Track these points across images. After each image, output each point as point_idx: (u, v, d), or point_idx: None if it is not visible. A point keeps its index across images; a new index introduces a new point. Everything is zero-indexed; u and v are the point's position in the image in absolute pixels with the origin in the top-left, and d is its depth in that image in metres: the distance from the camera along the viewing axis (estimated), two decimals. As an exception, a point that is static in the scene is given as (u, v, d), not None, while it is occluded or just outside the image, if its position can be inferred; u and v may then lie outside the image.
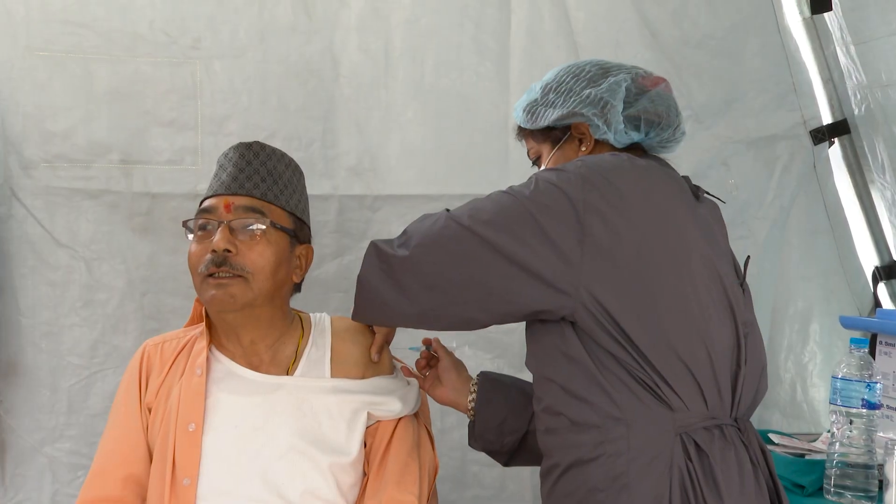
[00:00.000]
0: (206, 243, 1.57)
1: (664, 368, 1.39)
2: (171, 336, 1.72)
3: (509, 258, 1.42)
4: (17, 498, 2.14)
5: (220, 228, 1.56)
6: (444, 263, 1.46)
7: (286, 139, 2.20)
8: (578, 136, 1.59)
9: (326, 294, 2.23)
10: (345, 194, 2.25)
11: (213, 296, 1.55)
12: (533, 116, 1.63)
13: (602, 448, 1.40)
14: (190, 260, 1.59)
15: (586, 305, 1.40)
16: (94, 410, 2.14)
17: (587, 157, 1.49)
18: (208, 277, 1.55)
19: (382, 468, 1.61)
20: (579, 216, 1.40)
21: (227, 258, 1.54)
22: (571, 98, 1.58)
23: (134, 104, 2.15)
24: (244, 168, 1.64)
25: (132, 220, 2.17)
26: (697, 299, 1.42)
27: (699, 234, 1.47)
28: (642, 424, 1.40)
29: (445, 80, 2.28)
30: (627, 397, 1.40)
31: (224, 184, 1.63)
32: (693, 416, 1.41)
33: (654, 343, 1.39)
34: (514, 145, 2.18)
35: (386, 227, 2.26)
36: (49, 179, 2.12)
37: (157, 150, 2.17)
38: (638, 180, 1.45)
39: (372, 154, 2.27)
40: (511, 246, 1.42)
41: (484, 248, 1.43)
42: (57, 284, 2.14)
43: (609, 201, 1.40)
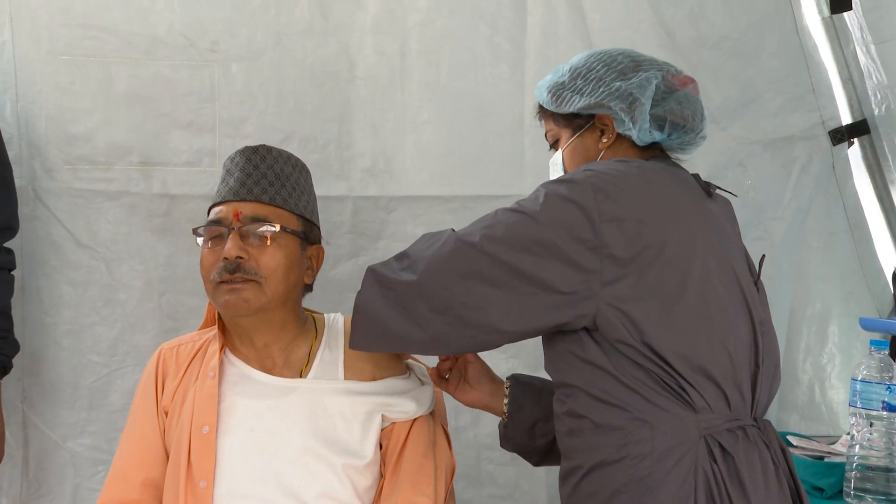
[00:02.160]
0: (217, 251, 1.60)
1: (686, 371, 1.40)
2: (186, 339, 1.75)
3: (526, 276, 1.42)
4: (41, 491, 2.19)
5: (231, 236, 1.59)
6: (456, 285, 1.45)
7: (302, 141, 2.23)
8: (601, 127, 1.60)
9: (342, 294, 2.24)
10: (360, 195, 2.27)
11: (226, 301, 1.58)
12: (558, 100, 1.62)
13: (626, 450, 1.41)
14: (202, 267, 1.63)
15: (605, 315, 1.41)
16: (114, 407, 2.19)
17: (595, 165, 1.51)
18: (221, 284, 1.58)
19: (398, 470, 1.62)
20: (594, 227, 1.40)
21: (239, 264, 1.57)
22: (600, 88, 1.57)
23: (153, 107, 2.18)
24: (251, 173, 1.66)
25: (151, 220, 2.20)
26: (716, 300, 1.44)
27: (713, 234, 1.48)
28: (666, 426, 1.41)
29: (461, 81, 2.30)
30: (650, 400, 1.41)
31: (232, 190, 1.65)
32: (717, 418, 1.42)
33: (676, 347, 1.40)
34: (530, 146, 2.30)
35: (401, 228, 2.29)
36: (70, 181, 2.17)
37: (175, 151, 2.21)
38: (649, 186, 1.47)
39: (387, 155, 2.29)
40: (526, 263, 1.42)
41: (498, 268, 1.43)
42: (78, 284, 2.18)
43: (622, 209, 1.41)
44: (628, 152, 1.60)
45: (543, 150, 2.17)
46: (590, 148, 1.61)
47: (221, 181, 1.70)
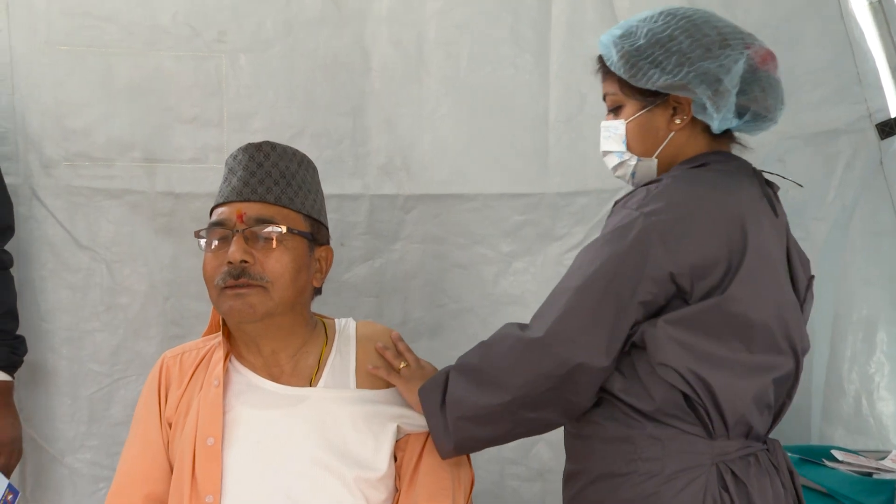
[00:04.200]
0: (220, 254, 1.57)
1: (725, 404, 1.42)
2: (189, 347, 1.72)
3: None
4: None
5: (235, 239, 1.56)
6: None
7: (314, 136, 2.20)
8: (675, 105, 1.56)
9: (357, 299, 2.23)
10: (376, 194, 2.24)
11: (231, 307, 1.56)
12: (632, 69, 1.55)
13: (635, 465, 1.43)
14: (205, 272, 1.60)
15: (657, 334, 1.43)
16: (116, 419, 2.16)
17: (664, 195, 1.47)
18: (226, 289, 1.55)
19: (414, 483, 1.60)
20: (658, 277, 1.43)
21: (244, 269, 1.54)
22: (685, 67, 1.51)
23: (156, 100, 2.16)
24: (255, 171, 1.63)
25: (155, 220, 2.18)
26: (764, 338, 1.46)
27: (774, 270, 1.49)
28: (678, 448, 1.43)
29: (481, 73, 2.26)
30: (668, 420, 1.43)
31: (235, 189, 1.62)
32: (732, 445, 1.44)
33: (722, 381, 1.43)
34: (555, 142, 2.25)
35: (419, 228, 2.25)
36: (70, 178, 2.14)
37: (180, 148, 2.18)
38: (715, 225, 1.45)
39: (404, 152, 2.26)
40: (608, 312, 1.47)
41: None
42: (77, 288, 2.16)
43: (691, 258, 1.42)
44: (698, 139, 1.58)
45: (569, 146, 2.23)
46: (660, 127, 1.58)
47: (224, 180, 1.67)
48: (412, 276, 2.26)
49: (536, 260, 2.26)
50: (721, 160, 1.56)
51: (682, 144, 1.57)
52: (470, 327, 2.22)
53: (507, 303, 2.24)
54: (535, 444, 2.27)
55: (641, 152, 1.59)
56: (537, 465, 2.29)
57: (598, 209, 2.24)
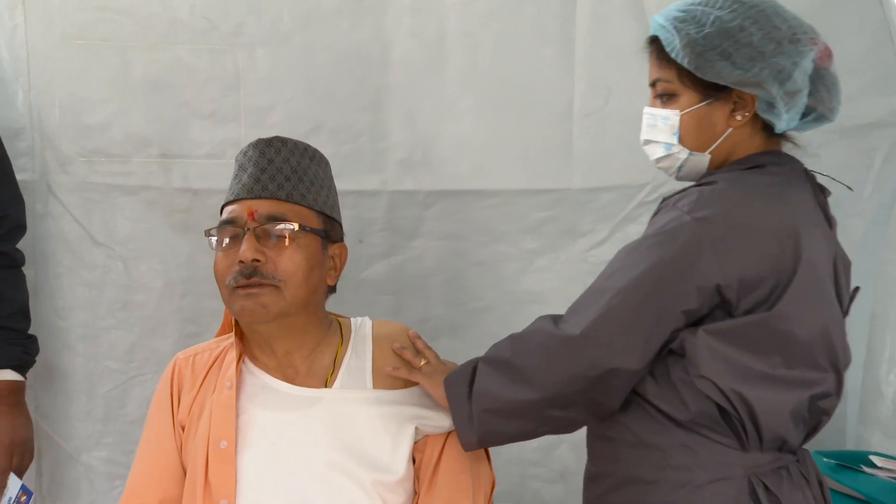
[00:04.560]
0: (232, 253, 1.56)
1: (762, 420, 1.40)
2: (202, 348, 1.71)
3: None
4: None
5: (246, 237, 1.54)
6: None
7: (332, 131, 2.17)
8: (736, 100, 1.48)
9: (375, 296, 2.20)
10: (395, 189, 2.21)
11: (243, 307, 1.54)
12: (698, 59, 1.46)
13: (663, 473, 1.42)
14: (216, 272, 1.58)
15: (698, 344, 1.41)
16: (132, 417, 2.15)
17: (716, 203, 1.43)
18: (238, 289, 1.53)
19: (433, 486, 1.58)
20: (706, 288, 1.40)
21: (256, 268, 1.53)
22: (757, 63, 1.43)
23: (173, 95, 2.14)
24: (266, 167, 1.61)
25: (171, 217, 2.17)
26: (806, 355, 1.43)
27: (826, 276, 1.45)
28: (710, 458, 1.40)
29: (504, 66, 2.21)
30: (700, 430, 1.41)
31: (246, 186, 1.60)
32: (765, 457, 1.41)
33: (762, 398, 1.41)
34: (579, 136, 2.21)
35: (439, 225, 2.22)
36: (86, 175, 2.13)
37: (197, 143, 2.16)
38: (777, 224, 1.42)
39: (424, 146, 2.22)
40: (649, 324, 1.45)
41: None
42: (93, 285, 2.16)
43: (741, 271, 1.39)
44: (755, 137, 1.52)
45: (594, 140, 2.18)
46: (717, 122, 1.51)
47: (234, 178, 1.65)
48: (432, 273, 2.23)
49: (559, 257, 2.22)
50: (776, 161, 1.51)
51: (738, 142, 1.51)
52: (491, 326, 2.18)
53: (529, 301, 2.20)
54: (558, 446, 2.23)
55: (694, 147, 1.52)
56: (559, 467, 2.26)
57: (623, 205, 2.20)
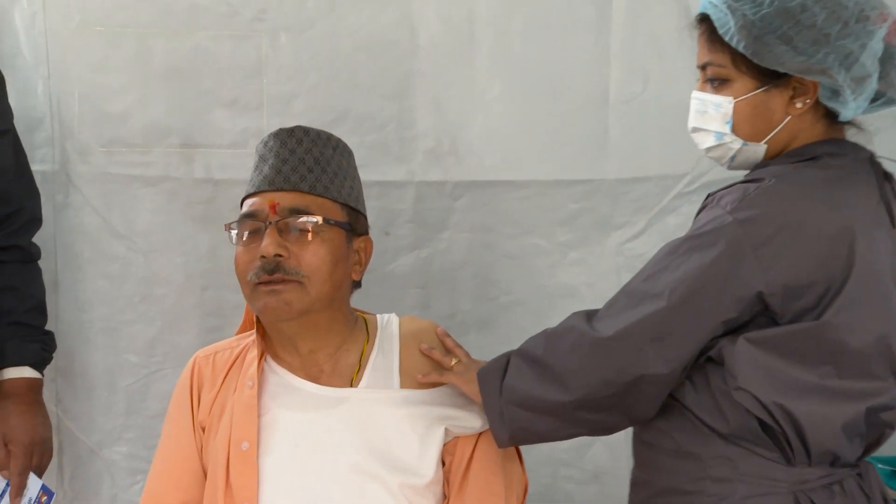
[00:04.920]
0: (253, 248, 1.53)
1: (810, 435, 1.33)
2: (222, 346, 1.69)
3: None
4: (76, 502, 2.16)
5: (268, 231, 1.51)
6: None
7: (358, 119, 2.13)
8: (796, 86, 1.39)
9: (402, 290, 2.17)
10: (422, 180, 2.17)
11: (266, 304, 1.51)
12: (756, 44, 1.36)
13: (702, 485, 1.37)
14: (237, 267, 1.56)
15: (736, 351, 1.36)
16: (153, 412, 2.13)
17: (760, 200, 1.35)
18: (260, 285, 1.51)
19: (463, 490, 1.56)
20: (745, 297, 1.35)
21: (278, 263, 1.50)
22: (822, 47, 1.33)
23: (194, 83, 2.10)
24: (287, 158, 1.58)
25: (192, 208, 2.14)
26: (861, 363, 1.36)
27: (888, 279, 1.38)
28: (751, 471, 1.35)
29: (536, 51, 2.16)
30: (741, 442, 1.37)
31: (267, 178, 1.57)
32: (814, 473, 1.34)
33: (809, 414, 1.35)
34: (615, 124, 2.16)
35: (468, 217, 2.18)
36: (106, 165, 2.11)
37: (219, 132, 2.13)
38: (829, 226, 1.33)
39: (453, 136, 2.18)
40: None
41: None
42: (114, 278, 2.14)
43: (787, 277, 1.32)
44: (816, 125, 1.43)
45: (630, 129, 2.13)
46: (775, 110, 1.41)
47: (255, 169, 1.62)
48: (460, 266, 2.19)
49: (593, 250, 2.17)
50: (836, 152, 1.41)
51: (798, 130, 1.42)
52: (521, 321, 2.14)
53: (561, 295, 2.15)
54: (591, 445, 2.19)
55: (749, 136, 1.43)
56: (592, 467, 2.21)
57: (660, 196, 2.14)
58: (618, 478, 2.12)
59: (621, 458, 2.12)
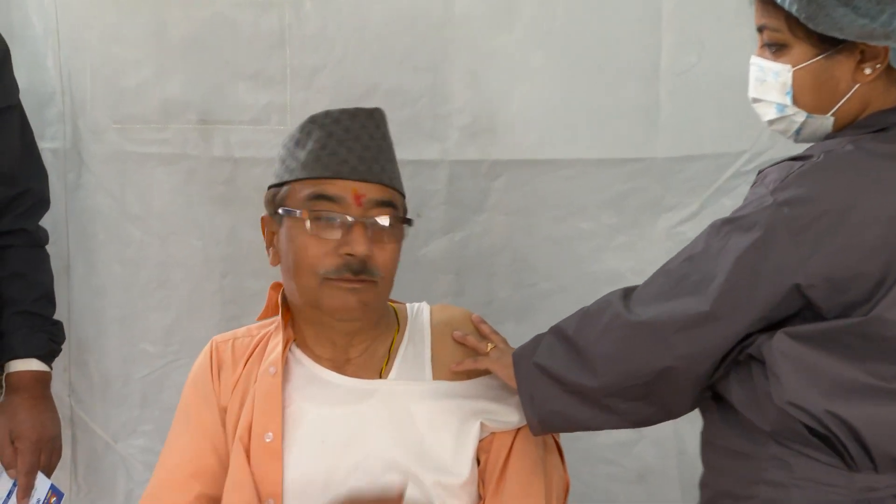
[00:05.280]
0: (327, 240, 1.47)
1: (875, 440, 1.23)
2: (241, 332, 1.64)
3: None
4: (90, 496, 2.16)
5: (357, 228, 1.46)
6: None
7: (388, 94, 2.06)
8: (864, 49, 1.29)
9: (434, 276, 2.11)
10: (457, 159, 2.10)
11: (344, 303, 1.46)
12: (811, 6, 1.27)
13: (756, 489, 1.30)
14: (304, 258, 1.48)
15: (773, 347, 1.27)
16: (169, 404, 2.05)
17: (805, 178, 1.26)
18: (337, 282, 1.46)
19: (500, 490, 1.50)
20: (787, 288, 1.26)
21: (365, 263, 1.46)
22: (887, 8, 1.25)
23: (213, 55, 2.06)
24: (369, 144, 1.51)
25: (211, 189, 2.10)
26: None
27: None
28: (808, 476, 1.27)
29: (581, 19, 2.07)
30: (794, 443, 1.28)
31: (349, 164, 1.49)
32: (882, 480, 1.25)
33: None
34: (667, 98, 2.13)
35: (506, 198, 2.10)
36: (119, 143, 2.09)
37: (239, 107, 2.08)
38: (884, 209, 1.24)
39: (490, 111, 2.10)
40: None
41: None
42: (128, 263, 2.12)
43: (829, 268, 1.23)
44: (890, 92, 1.31)
45: (683, 103, 2.06)
46: (840, 78, 1.31)
47: (321, 147, 1.51)
48: (498, 251, 2.12)
49: (642, 234, 2.08)
50: None
51: (870, 98, 1.31)
52: (563, 310, 2.00)
53: (606, 282, 2.00)
54: (638, 442, 2.12)
55: (813, 108, 1.33)
56: (637, 466, 2.14)
57: (715, 175, 2.04)
58: (666, 478, 2.08)
59: (670, 457, 2.08)
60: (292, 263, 1.49)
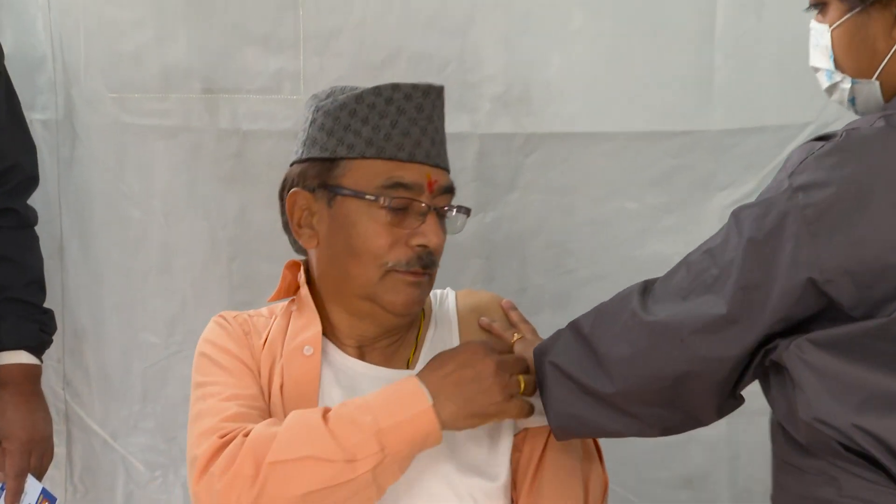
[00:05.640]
0: (396, 230, 1.42)
1: None
2: (253, 312, 1.55)
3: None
4: (87, 499, 2.12)
5: (431, 217, 1.42)
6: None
7: (412, 60, 2.00)
8: None
9: (464, 260, 2.04)
10: (488, 133, 2.03)
11: (408, 297, 1.42)
12: None
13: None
14: (368, 246, 1.42)
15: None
16: (173, 399, 2.07)
17: (823, 161, 1.18)
18: (404, 274, 1.41)
19: (534, 492, 1.43)
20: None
21: (433, 255, 1.44)
22: None
23: (219, 17, 2.00)
24: (439, 127, 1.47)
25: (218, 164, 2.04)
26: None
27: None
28: (858, 495, 1.18)
29: None
30: (833, 457, 1.20)
31: (423, 148, 1.44)
32: None
33: None
34: (722, 64, 2.00)
35: (542, 176, 2.03)
36: (117, 114, 2.03)
37: (248, 75, 2.02)
38: None
39: (525, 79, 2.03)
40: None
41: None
42: (128, 246, 2.07)
43: (847, 259, 1.15)
44: None
45: (741, 69, 1.99)
46: (876, 36, 1.25)
47: (389, 123, 1.43)
48: (532, 233, 2.06)
49: (693, 215, 2.00)
50: None
51: None
52: (604, 298, 1.96)
53: (652, 268, 1.92)
54: (686, 443, 2.02)
55: (855, 71, 1.29)
56: (685, 470, 2.06)
57: (776, 150, 1.95)
58: (717, 484, 2.03)
59: (720, 462, 2.01)
60: (351, 249, 1.43)
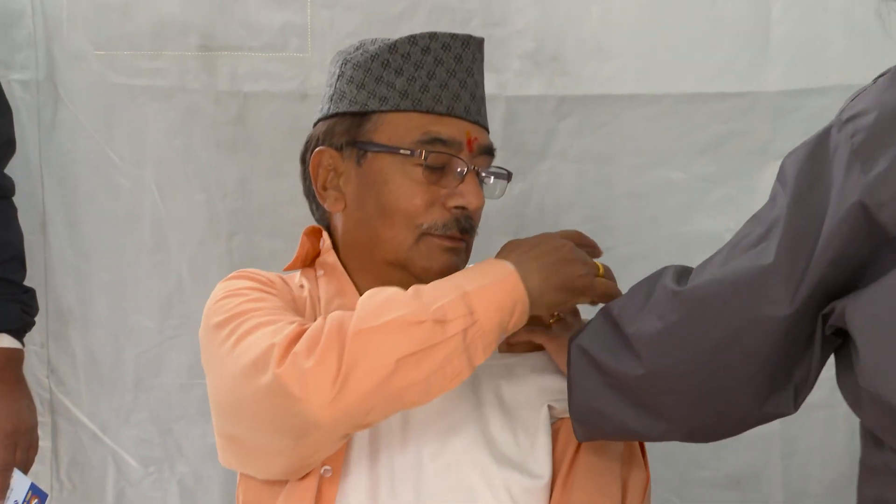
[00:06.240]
0: (434, 189, 1.38)
1: None
2: (272, 274, 1.48)
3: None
4: (75, 495, 2.05)
5: (470, 177, 1.38)
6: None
7: (433, 13, 1.93)
8: None
9: (490, 236, 1.90)
10: (516, 94, 1.96)
11: (444, 264, 1.39)
12: None
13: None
14: (402, 207, 1.38)
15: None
16: (169, 387, 2.00)
17: (872, 91, 1.10)
18: (440, 239, 1.38)
19: (569, 485, 1.37)
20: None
21: (471, 219, 1.42)
22: None
23: None
24: (479, 81, 1.43)
25: (216, 129, 1.97)
26: None
27: None
28: None
29: None
30: None
31: (462, 102, 1.40)
32: None
33: None
34: (780, 17, 1.94)
35: (576, 143, 1.96)
36: (104, 73, 1.95)
37: (250, 30, 1.95)
38: None
39: (558, 35, 1.97)
40: None
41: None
42: (119, 219, 1.99)
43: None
44: None
45: (801, 23, 1.92)
46: None
47: (423, 72, 1.41)
48: (566, 206, 2.00)
49: (745, 186, 1.93)
50: None
51: None
52: None
53: (700, 246, 1.79)
54: (735, 441, 1.95)
55: None
56: (732, 469, 1.99)
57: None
58: (768, 484, 1.94)
59: (773, 461, 1.93)
60: (383, 210, 1.39)
